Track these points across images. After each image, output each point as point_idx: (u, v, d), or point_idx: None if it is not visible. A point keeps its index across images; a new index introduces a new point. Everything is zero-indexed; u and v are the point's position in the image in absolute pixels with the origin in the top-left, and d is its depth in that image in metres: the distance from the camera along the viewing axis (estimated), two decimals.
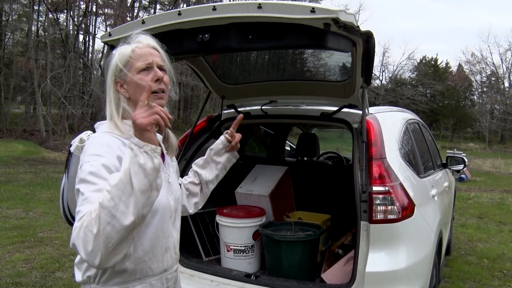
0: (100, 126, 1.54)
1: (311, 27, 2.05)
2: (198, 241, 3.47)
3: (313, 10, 1.95)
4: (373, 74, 2.89)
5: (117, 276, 1.44)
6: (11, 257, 5.01)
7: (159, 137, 1.62)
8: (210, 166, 1.92)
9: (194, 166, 1.95)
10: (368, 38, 2.40)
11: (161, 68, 1.53)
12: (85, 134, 1.51)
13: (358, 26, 2.14)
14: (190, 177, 1.92)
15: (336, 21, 1.97)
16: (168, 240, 1.54)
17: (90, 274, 1.47)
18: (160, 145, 1.58)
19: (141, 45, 1.52)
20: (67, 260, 4.92)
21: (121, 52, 1.51)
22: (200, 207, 1.94)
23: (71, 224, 1.63)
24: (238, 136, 1.92)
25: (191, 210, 1.90)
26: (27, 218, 6.88)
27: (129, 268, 1.43)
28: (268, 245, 3.13)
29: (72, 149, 1.51)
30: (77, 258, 1.53)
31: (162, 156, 1.59)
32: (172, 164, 1.70)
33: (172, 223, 1.57)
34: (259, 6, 2.05)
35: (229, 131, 1.92)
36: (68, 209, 1.60)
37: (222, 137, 1.92)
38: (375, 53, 2.62)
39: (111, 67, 1.52)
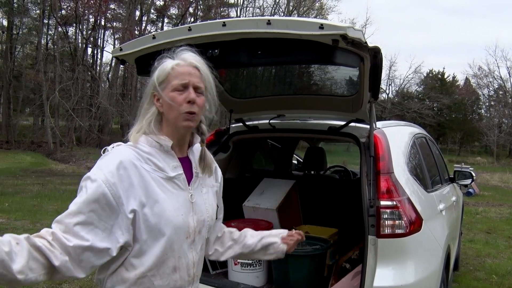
0: (130, 137, 1.55)
1: (319, 43, 2.07)
2: None
3: (321, 27, 1.97)
4: (380, 89, 2.91)
5: (120, 284, 1.46)
6: None
7: (196, 153, 1.61)
8: (254, 240, 1.87)
9: (245, 231, 1.90)
10: (375, 54, 2.42)
11: (197, 89, 1.50)
12: (111, 146, 1.52)
13: (366, 42, 2.17)
14: (232, 229, 1.89)
15: (344, 37, 2.00)
16: (180, 261, 1.50)
17: (100, 277, 1.50)
18: (189, 159, 1.59)
19: (183, 63, 1.50)
20: None
21: (162, 67, 1.51)
22: (220, 259, 1.87)
23: None
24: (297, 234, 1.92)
25: (210, 253, 1.82)
26: (34, 229, 6.88)
27: (131, 279, 1.44)
28: (275, 259, 3.12)
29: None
30: (96, 276, 1.54)
31: (190, 174, 1.58)
32: (208, 184, 1.65)
33: (189, 244, 1.52)
34: (269, 22, 2.09)
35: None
36: None
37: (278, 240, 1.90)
38: (382, 68, 2.64)
39: (151, 79, 1.52)
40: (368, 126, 2.94)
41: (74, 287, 4.54)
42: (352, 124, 3.20)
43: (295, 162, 6.30)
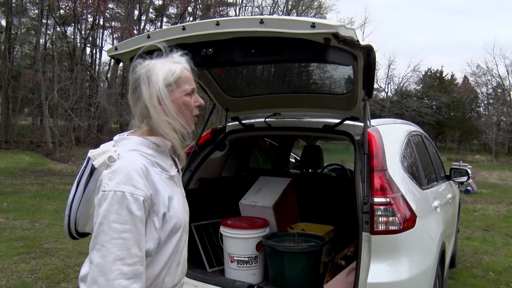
0: (123, 141, 1.50)
1: (312, 42, 2.10)
2: (202, 252, 3.49)
3: (313, 25, 2.00)
4: (378, 87, 2.94)
5: None
6: (17, 267, 5.04)
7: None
8: None
9: None
10: (368, 52, 2.44)
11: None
12: (114, 152, 1.42)
13: (358, 40, 2.19)
14: None
15: (336, 35, 2.02)
16: (181, 255, 1.55)
17: None
18: (174, 161, 1.61)
19: (186, 67, 1.55)
20: (72, 271, 4.95)
21: (170, 69, 1.51)
22: None
23: (74, 238, 1.64)
24: None
25: None
26: (33, 229, 6.93)
27: (147, 283, 1.43)
28: (271, 256, 3.15)
29: (96, 164, 1.43)
30: (82, 272, 1.52)
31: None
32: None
33: (184, 238, 1.58)
34: (261, 21, 2.11)
35: None
36: (75, 223, 1.58)
37: None
38: (377, 67, 2.66)
39: (154, 80, 1.48)
40: (362, 124, 2.96)
41: (72, 286, 4.56)
42: (348, 122, 3.23)
43: (293, 160, 6.33)
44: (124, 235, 1.31)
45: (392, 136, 3.24)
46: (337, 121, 3.25)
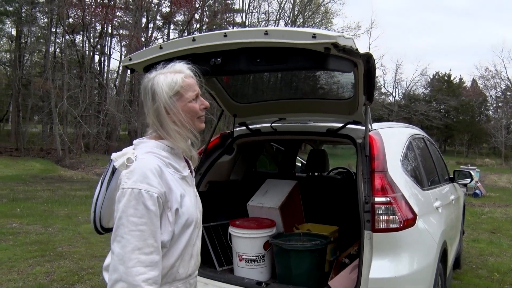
0: (141, 144, 1.66)
1: (313, 51, 2.25)
2: (212, 252, 3.62)
3: (314, 36, 2.15)
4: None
5: None
6: (33, 270, 5.20)
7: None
8: None
9: None
10: (368, 59, 2.58)
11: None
12: (132, 154, 1.59)
13: (357, 49, 2.33)
14: None
15: (335, 45, 2.17)
16: (194, 248, 1.70)
17: None
18: (187, 161, 1.76)
19: (187, 74, 1.68)
20: (86, 273, 5.11)
21: (172, 80, 1.63)
22: None
23: (99, 232, 1.83)
24: None
25: None
26: (46, 233, 7.10)
27: (163, 272, 1.57)
28: (277, 255, 3.28)
29: (117, 165, 1.60)
30: (105, 263, 1.70)
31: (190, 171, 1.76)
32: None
33: (197, 233, 1.72)
34: (266, 33, 2.27)
35: None
36: (100, 218, 1.78)
37: None
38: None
39: (159, 93, 1.61)
40: (364, 128, 3.09)
41: (86, 287, 4.71)
42: (350, 126, 3.36)
43: (300, 164, 6.45)
44: (141, 228, 1.46)
45: (394, 139, 3.36)
46: (340, 125, 3.38)
